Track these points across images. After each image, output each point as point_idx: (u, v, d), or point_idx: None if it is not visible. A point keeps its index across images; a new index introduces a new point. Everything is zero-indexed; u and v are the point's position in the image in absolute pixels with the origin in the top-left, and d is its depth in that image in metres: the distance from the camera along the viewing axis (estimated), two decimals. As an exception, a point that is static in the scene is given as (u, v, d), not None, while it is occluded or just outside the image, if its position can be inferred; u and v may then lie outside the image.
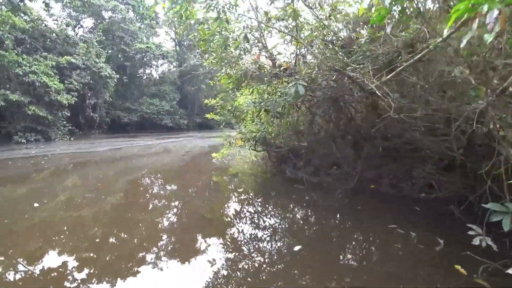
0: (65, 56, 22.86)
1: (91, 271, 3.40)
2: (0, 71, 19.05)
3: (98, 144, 18.09)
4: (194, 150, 14.46)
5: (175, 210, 5.91)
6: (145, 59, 36.97)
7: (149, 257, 3.76)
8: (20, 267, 3.43)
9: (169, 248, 4.06)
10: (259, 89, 6.86)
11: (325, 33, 5.74)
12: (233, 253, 3.79)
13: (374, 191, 5.87)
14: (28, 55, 20.56)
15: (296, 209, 5.69)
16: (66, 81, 21.91)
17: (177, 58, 43.26)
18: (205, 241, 4.21)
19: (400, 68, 3.72)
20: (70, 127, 22.97)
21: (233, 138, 8.89)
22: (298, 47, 6.05)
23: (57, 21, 26.16)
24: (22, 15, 21.65)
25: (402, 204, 5.22)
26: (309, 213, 5.44)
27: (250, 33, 5.87)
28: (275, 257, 3.66)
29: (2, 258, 3.63)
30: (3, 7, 20.65)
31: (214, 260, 3.57)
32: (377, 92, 3.80)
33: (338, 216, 5.28)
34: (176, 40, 45.31)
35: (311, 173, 7.14)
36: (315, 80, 5.06)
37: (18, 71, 18.35)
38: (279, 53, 6.59)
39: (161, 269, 3.47)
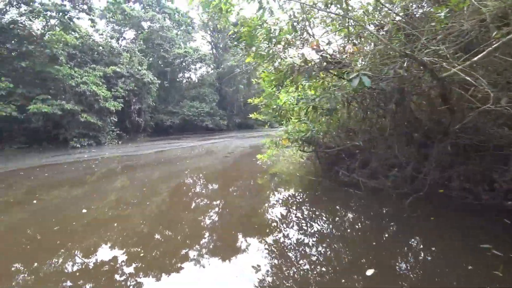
0: (111, 66, 24.43)
1: (138, 265, 3.61)
2: (56, 83, 20.92)
3: (143, 147, 19.12)
4: (236, 151, 14.46)
5: (219, 211, 5.91)
6: (184, 64, 38.34)
7: (193, 254, 3.88)
8: (77, 260, 3.78)
9: (213, 248, 4.06)
10: (306, 85, 6.43)
11: (382, 14, 4.98)
12: (280, 262, 3.50)
13: (443, 196, 4.90)
14: (79, 67, 22.36)
15: (354, 219, 4.94)
16: (112, 89, 23.43)
17: (214, 60, 44.27)
18: (249, 246, 4.06)
19: (492, 47, 2.93)
20: (118, 132, 24.52)
21: (280, 138, 8.17)
22: (349, 34, 5.29)
23: (102, 35, 28.05)
24: (72, 32, 23.62)
25: (485, 215, 4.22)
26: (372, 224, 4.62)
27: (296, 22, 5.23)
28: (342, 281, 3.08)
29: (63, 250, 4.05)
30: (57, 27, 22.73)
31: (258, 266, 3.40)
32: (465, 77, 3.05)
33: (409, 229, 4.29)
34: (212, 43, 46.49)
35: (367, 176, 6.18)
36: (377, 69, 4.33)
37: (71, 83, 19.97)
38: (328, 43, 5.83)
39: (203, 267, 3.55)
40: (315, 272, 3.25)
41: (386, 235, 4.22)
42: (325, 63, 5.24)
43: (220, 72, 41.66)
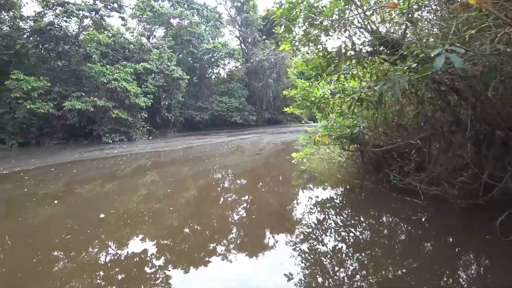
0: (141, 63, 24.77)
1: (167, 257, 3.77)
2: (89, 81, 21.54)
3: (172, 142, 19.17)
4: (267, 148, 13.91)
5: (250, 213, 5.48)
6: (212, 59, 38.28)
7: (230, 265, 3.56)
8: (110, 250, 4.00)
9: (244, 254, 3.80)
10: (348, 76, 5.47)
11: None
12: (315, 272, 3.14)
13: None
14: (111, 65, 22.87)
15: (411, 234, 4.04)
16: (142, 85, 23.75)
17: (243, 55, 43.93)
18: (282, 251, 3.70)
19: None
20: (148, 127, 24.90)
21: (318, 135, 6.94)
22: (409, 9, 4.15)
23: (133, 33, 28.53)
24: (104, 31, 24.28)
25: None
26: (439, 244, 3.63)
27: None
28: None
29: (97, 241, 4.27)
30: (90, 28, 23.46)
31: (291, 274, 3.07)
32: None
33: (499, 255, 3.22)
34: (240, 38, 46.17)
35: (425, 181, 5.02)
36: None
37: (103, 80, 20.43)
38: (382, 21, 4.96)
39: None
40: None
41: (463, 265, 3.14)
42: (377, 46, 4.42)
43: (249, 67, 41.26)
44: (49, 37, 20.96)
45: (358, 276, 2.95)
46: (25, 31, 21.64)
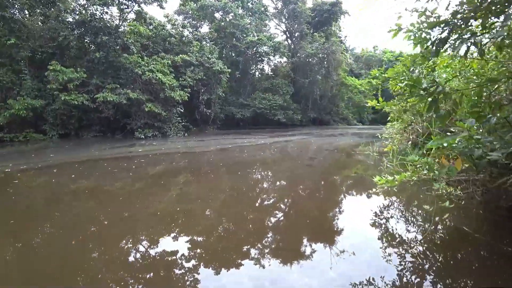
0: (180, 55, 23.29)
1: (198, 258, 3.33)
2: (126, 73, 20.43)
3: (208, 141, 17.14)
4: (320, 155, 11.09)
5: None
6: (256, 53, 36.11)
7: None
8: (141, 248, 3.60)
9: None
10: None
11: None
12: None
13: None
14: (149, 57, 21.68)
15: None
16: (180, 78, 22.24)
17: (289, 49, 41.29)
18: None
19: None
20: (185, 123, 23.39)
21: (438, 157, 4.15)
22: None
23: (175, 25, 27.23)
24: (146, 24, 23.31)
25: None
26: None
27: None
28: None
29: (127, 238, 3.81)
30: (132, 20, 22.59)
31: None
32: None
33: None
34: (287, 32, 43.51)
35: None
36: None
37: (138, 71, 19.13)
38: None
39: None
40: None
41: None
42: None
43: (296, 62, 38.45)
44: (90, 28, 20.28)
45: None
46: (69, 23, 21.20)
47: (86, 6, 20.97)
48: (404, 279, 2.74)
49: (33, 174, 7.89)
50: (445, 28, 2.80)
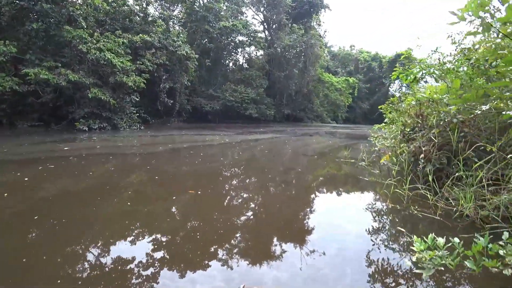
0: (140, 34, 19.99)
1: None
2: (71, 50, 16.87)
3: (161, 138, 14.07)
4: (297, 165, 8.24)
5: None
6: (230, 41, 33.16)
7: None
8: None
9: None
10: None
11: None
12: None
13: None
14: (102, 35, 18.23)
15: None
16: (138, 62, 19.02)
17: (266, 39, 38.73)
18: None
19: None
20: (142, 115, 20.26)
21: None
22: None
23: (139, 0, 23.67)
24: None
25: None
26: None
27: None
28: None
29: None
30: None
31: None
32: None
33: None
34: (265, 23, 40.74)
35: None
36: None
37: (82, 48, 15.72)
38: None
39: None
40: None
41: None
42: None
43: (272, 54, 35.89)
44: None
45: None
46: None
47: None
48: None
49: None
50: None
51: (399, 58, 46.64)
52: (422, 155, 5.89)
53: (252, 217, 3.86)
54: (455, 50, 6.97)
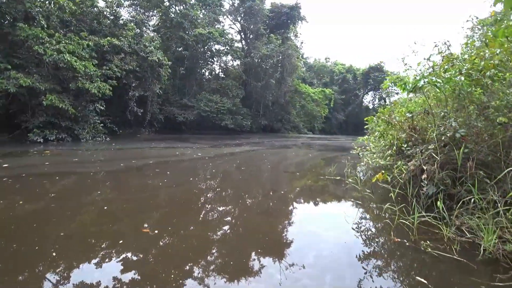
0: (108, 37, 18.42)
1: None
2: (26, 51, 15.04)
3: (125, 152, 12.40)
4: (279, 187, 7.00)
5: None
6: (206, 50, 32.03)
7: None
8: None
9: None
10: None
11: None
12: None
13: None
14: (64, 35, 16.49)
15: None
16: (104, 67, 17.41)
17: (243, 49, 37.96)
18: None
19: None
20: (109, 125, 18.53)
21: None
22: None
23: (108, 1, 22.05)
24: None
25: None
26: None
27: None
28: None
29: None
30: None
31: None
32: None
33: None
34: (242, 33, 39.95)
35: None
36: None
37: (38, 49, 14.00)
38: None
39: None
40: None
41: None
42: None
43: (248, 63, 35.04)
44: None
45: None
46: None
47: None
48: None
49: None
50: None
51: (372, 70, 47.48)
52: (424, 176, 5.01)
53: (225, 275, 2.69)
54: (441, 60, 6.37)
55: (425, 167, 5.10)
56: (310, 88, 48.31)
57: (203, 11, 33.12)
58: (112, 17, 21.51)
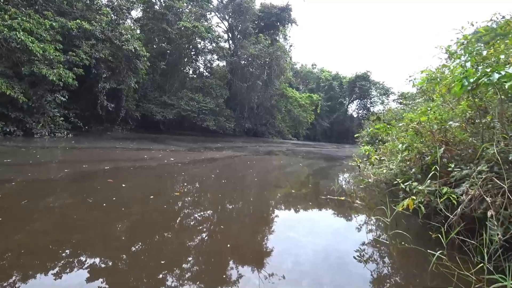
0: (77, 20, 16.16)
1: None
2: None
3: (83, 152, 10.27)
4: (273, 207, 5.38)
5: None
6: (190, 45, 30.01)
7: None
8: None
9: None
10: None
11: None
12: None
13: None
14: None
15: None
16: (69, 52, 15.18)
17: (230, 47, 36.17)
18: None
19: None
20: (72, 120, 16.21)
21: None
22: None
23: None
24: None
25: None
26: None
27: None
28: None
29: None
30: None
31: None
32: None
33: None
34: (229, 32, 38.05)
35: None
36: None
37: (-15, 24, 11.71)
38: None
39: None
40: None
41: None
42: None
43: (235, 63, 33.24)
44: None
45: None
46: None
47: None
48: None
49: None
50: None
51: (359, 79, 46.81)
52: (491, 212, 3.43)
53: None
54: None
55: (487, 198, 3.52)
56: (297, 92, 47.03)
57: (189, 6, 31.07)
58: (86, 0, 19.30)
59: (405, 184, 4.68)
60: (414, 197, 4.13)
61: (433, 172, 4.26)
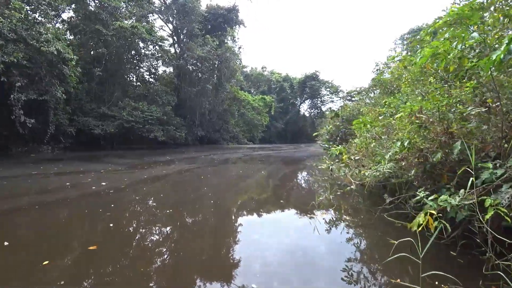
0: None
1: None
2: None
3: None
4: (238, 251, 3.55)
5: None
6: (130, 48, 27.09)
7: None
8: None
9: None
10: None
11: None
12: None
13: None
14: None
15: None
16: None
17: (175, 52, 33.72)
18: None
19: None
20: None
21: None
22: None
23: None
24: None
25: None
26: None
27: None
28: None
29: None
30: None
31: None
32: None
33: None
34: (174, 35, 35.47)
35: None
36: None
37: None
38: None
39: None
40: None
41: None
42: None
43: (182, 66, 30.86)
44: None
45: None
46: None
47: None
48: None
49: None
50: None
51: (308, 79, 46.97)
52: None
53: None
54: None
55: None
56: (250, 95, 45.82)
57: (128, 6, 28.14)
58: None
59: (428, 196, 3.21)
60: (434, 212, 2.71)
61: (471, 179, 2.85)
